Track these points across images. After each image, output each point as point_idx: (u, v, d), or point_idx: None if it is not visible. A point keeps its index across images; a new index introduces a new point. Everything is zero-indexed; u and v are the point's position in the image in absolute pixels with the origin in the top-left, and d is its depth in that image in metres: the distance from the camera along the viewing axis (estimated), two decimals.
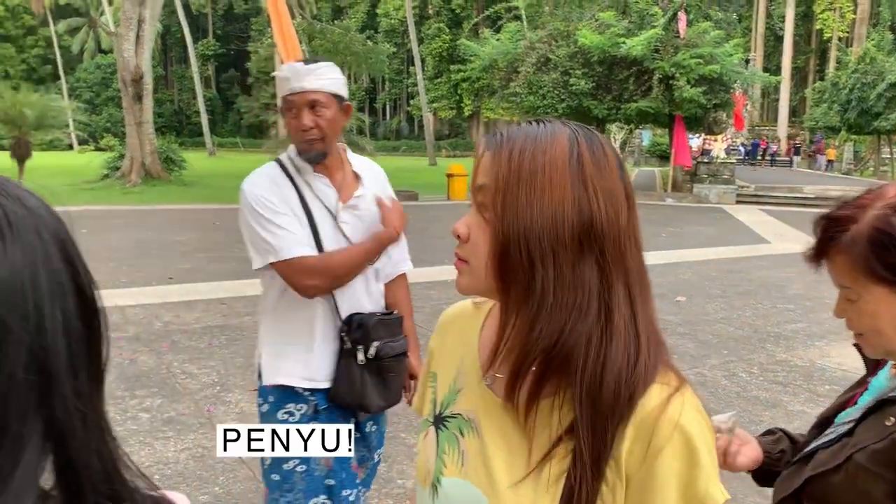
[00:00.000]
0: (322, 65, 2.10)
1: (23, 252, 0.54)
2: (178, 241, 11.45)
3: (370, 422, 2.31)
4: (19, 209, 0.56)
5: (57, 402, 0.55)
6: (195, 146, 50.95)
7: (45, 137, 23.29)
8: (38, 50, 64.62)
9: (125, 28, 23.22)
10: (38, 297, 0.54)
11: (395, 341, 2.22)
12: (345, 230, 2.16)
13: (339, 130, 2.17)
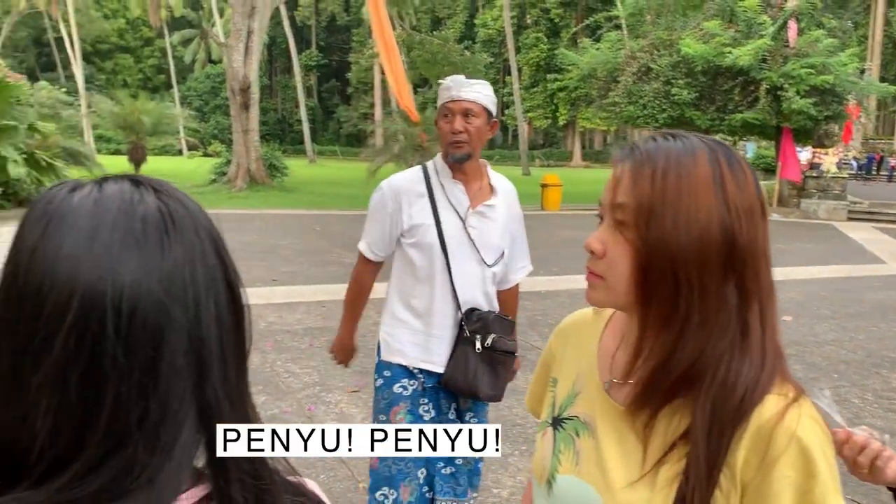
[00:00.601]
0: (480, 81, 2.44)
1: (184, 248, 0.60)
2: (281, 245, 11.86)
3: (470, 413, 2.51)
4: (180, 209, 0.62)
5: (209, 387, 0.60)
6: (296, 154, 52.63)
7: (158, 143, 24.58)
8: (153, 60, 68.46)
9: (235, 39, 24.29)
10: (196, 290, 0.59)
11: (508, 339, 2.45)
12: (471, 234, 2.43)
13: (484, 142, 2.45)
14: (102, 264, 0.56)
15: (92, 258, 0.56)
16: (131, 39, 67.82)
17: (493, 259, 2.48)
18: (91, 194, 0.60)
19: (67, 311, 0.55)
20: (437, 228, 2.40)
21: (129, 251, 0.57)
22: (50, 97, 26.88)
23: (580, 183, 30.33)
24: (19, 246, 0.58)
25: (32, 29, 59.72)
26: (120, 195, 0.60)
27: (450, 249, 2.40)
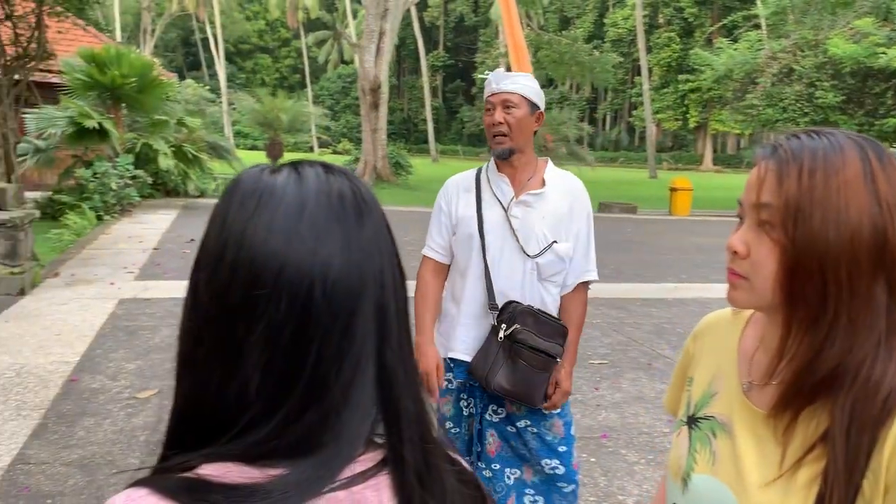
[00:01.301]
0: (521, 74, 2.38)
1: (373, 224, 0.67)
2: (406, 241, 12.05)
3: (524, 419, 2.41)
4: (366, 190, 0.68)
5: (388, 351, 0.66)
6: (420, 152, 53.59)
7: (291, 139, 25.65)
8: (289, 60, 71.63)
9: (367, 40, 25.00)
10: (381, 262, 0.66)
11: (542, 338, 2.30)
12: (513, 223, 2.36)
13: (529, 133, 2.37)
14: (310, 237, 0.62)
15: (301, 232, 0.62)
16: (270, 40, 71.26)
17: (535, 250, 2.34)
18: (291, 176, 0.66)
19: (280, 279, 0.61)
20: (478, 219, 2.37)
21: (331, 225, 0.63)
22: (195, 94, 28.66)
23: (711, 188, 29.19)
24: (229, 221, 0.64)
25: (182, 30, 63.91)
26: (316, 177, 0.66)
27: (488, 239, 2.36)
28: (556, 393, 2.38)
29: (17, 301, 6.53)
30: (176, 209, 13.99)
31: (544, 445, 2.40)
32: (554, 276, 2.39)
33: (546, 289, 2.39)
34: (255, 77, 67.35)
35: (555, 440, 2.40)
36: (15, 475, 3.39)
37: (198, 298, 0.64)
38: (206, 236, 0.65)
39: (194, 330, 0.64)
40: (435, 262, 2.52)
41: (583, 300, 2.48)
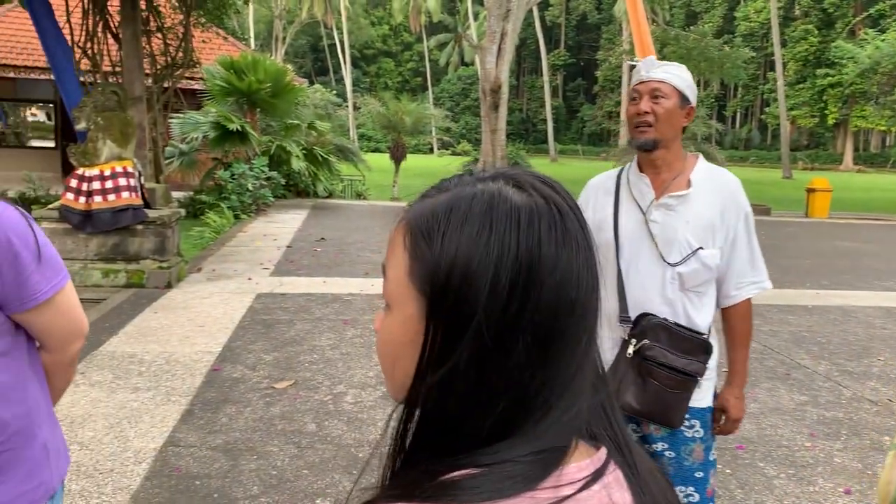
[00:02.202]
0: (674, 63, 2.18)
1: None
2: None
3: (661, 442, 2.20)
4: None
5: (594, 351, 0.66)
6: (538, 152, 53.27)
7: (411, 141, 26.14)
8: (411, 64, 73.05)
9: (489, 41, 25.08)
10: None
11: (678, 355, 2.09)
12: (652, 228, 2.14)
13: (677, 127, 2.15)
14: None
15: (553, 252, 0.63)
16: (393, 44, 72.97)
17: (676, 257, 2.12)
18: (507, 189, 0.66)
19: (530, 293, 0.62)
20: (614, 223, 2.19)
21: (557, 241, 0.64)
22: (323, 99, 29.76)
23: (851, 188, 27.36)
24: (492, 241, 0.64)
25: (310, 37, 66.54)
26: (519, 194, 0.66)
27: (623, 245, 2.17)
28: (726, 421, 2.20)
29: (164, 294, 7.01)
30: (306, 209, 14.58)
31: (680, 472, 2.20)
32: (700, 287, 2.16)
33: (691, 300, 2.16)
34: (378, 81, 69.14)
35: (693, 465, 2.20)
36: (167, 456, 3.64)
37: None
38: None
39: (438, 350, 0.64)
40: None
41: (748, 315, 2.24)
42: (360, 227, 12.62)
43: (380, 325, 0.69)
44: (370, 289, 7.61)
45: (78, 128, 7.19)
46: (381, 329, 0.68)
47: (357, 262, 9.15)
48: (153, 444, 3.75)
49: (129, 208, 7.07)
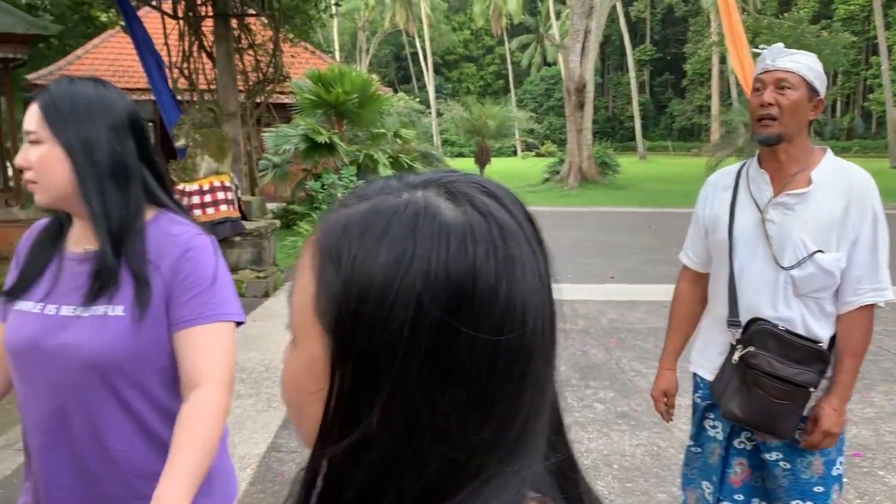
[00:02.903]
0: (803, 52, 2.05)
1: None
2: (615, 242, 11.84)
3: (776, 452, 2.07)
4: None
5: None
6: (625, 150, 52.25)
7: (495, 145, 26.11)
8: (493, 67, 73.02)
9: (572, 40, 24.81)
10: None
11: (787, 364, 1.95)
12: (768, 229, 2.02)
13: (803, 121, 2.01)
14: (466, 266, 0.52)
15: (453, 265, 0.52)
16: (474, 49, 73.15)
17: (791, 260, 1.98)
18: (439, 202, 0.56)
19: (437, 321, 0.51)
20: (729, 222, 2.10)
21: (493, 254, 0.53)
22: (407, 106, 30.12)
23: None
24: (379, 252, 0.55)
25: (393, 46, 67.55)
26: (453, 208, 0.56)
27: (737, 246, 2.07)
28: (814, 432, 2.00)
29: (262, 303, 7.23)
30: None
31: (797, 485, 2.05)
32: (818, 293, 2.01)
33: (808, 307, 2.02)
34: (460, 86, 69.45)
35: (811, 479, 2.05)
36: (270, 461, 3.74)
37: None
38: None
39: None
40: (690, 270, 2.33)
41: (863, 323, 2.02)
42: None
43: (284, 361, 0.56)
44: None
45: (177, 145, 7.52)
46: (284, 367, 0.56)
47: None
48: (256, 450, 3.87)
49: (227, 221, 7.35)
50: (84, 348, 1.32)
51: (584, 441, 4.03)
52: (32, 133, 1.35)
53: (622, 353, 5.69)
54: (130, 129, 1.40)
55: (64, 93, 1.36)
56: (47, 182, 1.36)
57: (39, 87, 7.05)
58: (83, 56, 16.49)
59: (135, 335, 1.33)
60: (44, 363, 1.35)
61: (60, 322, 1.35)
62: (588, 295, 7.73)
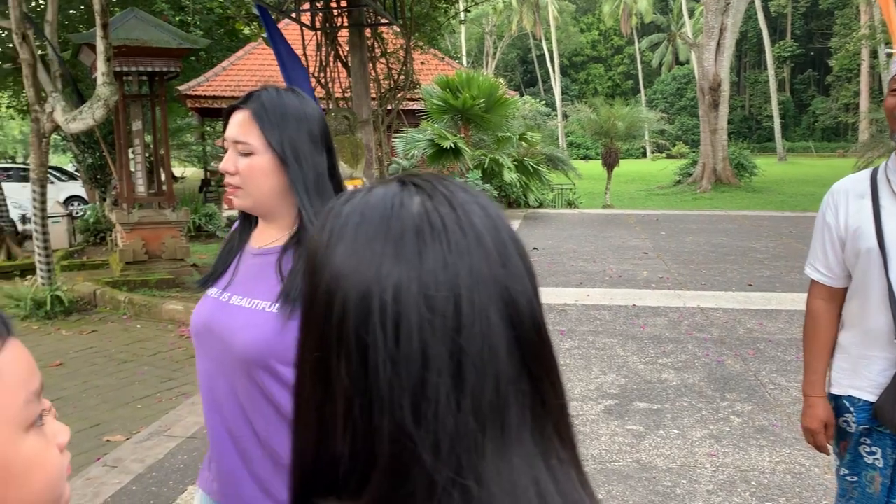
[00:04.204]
0: None
1: (443, 251, 0.55)
2: (753, 248, 11.27)
3: None
4: (445, 209, 0.57)
5: (465, 402, 0.54)
6: (763, 151, 49.69)
7: (624, 146, 25.55)
8: (622, 67, 71.42)
9: (706, 38, 23.90)
10: (456, 294, 0.54)
11: None
12: None
13: None
14: (364, 279, 0.53)
15: (358, 268, 0.54)
16: (603, 49, 71.87)
17: None
18: (359, 203, 0.58)
19: (344, 320, 0.54)
20: (876, 230, 1.92)
21: (389, 258, 0.54)
22: (532, 109, 30.00)
23: None
24: (310, 256, 0.60)
25: (519, 50, 67.49)
26: (383, 201, 0.57)
27: (891, 253, 1.90)
28: None
29: None
30: (518, 219, 14.76)
31: None
32: None
33: None
34: (588, 87, 68.41)
35: None
36: None
37: (297, 345, 0.62)
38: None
39: (295, 377, 0.62)
40: (823, 286, 2.12)
41: None
42: (572, 235, 12.54)
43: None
44: (585, 299, 7.51)
45: None
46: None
47: (570, 272, 9.09)
48: None
49: None
50: (237, 337, 1.43)
51: (720, 455, 3.87)
52: (243, 144, 1.44)
53: (761, 364, 5.41)
54: (323, 140, 1.49)
55: (275, 103, 1.45)
56: (253, 189, 1.46)
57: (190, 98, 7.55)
58: (228, 67, 17.52)
59: (281, 331, 1.40)
60: (210, 343, 1.49)
61: (228, 309, 1.48)
62: (724, 303, 7.41)
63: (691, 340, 6.06)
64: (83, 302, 8.33)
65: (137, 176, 9.84)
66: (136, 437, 4.37)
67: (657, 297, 7.66)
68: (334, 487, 0.56)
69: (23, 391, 0.64)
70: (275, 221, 1.52)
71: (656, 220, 15.11)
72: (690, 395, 4.75)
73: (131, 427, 4.64)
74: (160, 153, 10.40)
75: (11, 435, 0.63)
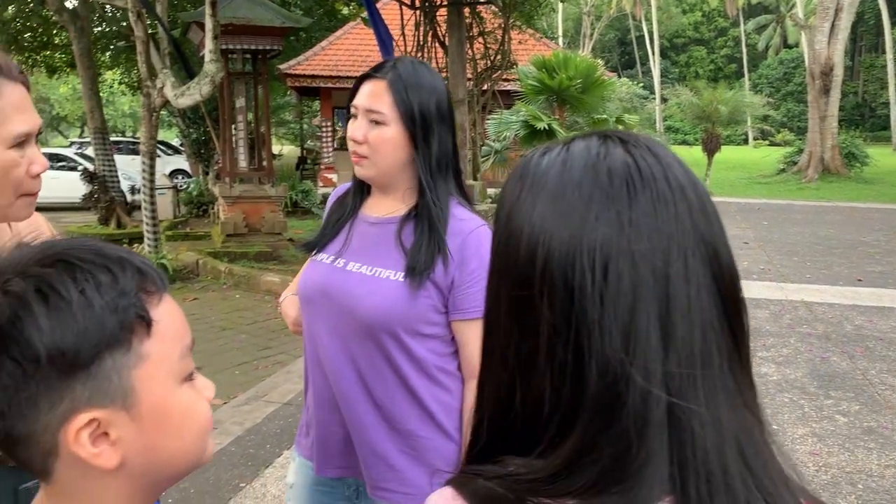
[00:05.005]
0: None
1: (651, 199, 0.56)
2: (864, 242, 10.66)
3: None
4: (650, 158, 0.58)
5: (673, 356, 0.55)
6: (876, 141, 46.80)
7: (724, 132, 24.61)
8: (725, 50, 68.61)
9: (819, 19, 22.64)
10: (662, 243, 0.55)
11: None
12: None
13: None
14: (571, 222, 0.55)
15: (560, 217, 0.55)
16: (705, 31, 69.24)
17: None
18: (559, 155, 0.59)
19: (547, 272, 0.54)
20: None
21: (596, 206, 0.55)
22: (629, 92, 29.24)
23: None
24: (499, 209, 0.61)
25: (617, 31, 65.81)
26: (586, 152, 0.58)
27: None
28: None
29: None
30: None
31: None
32: None
33: None
34: (688, 70, 66.14)
35: None
36: None
37: (487, 291, 0.61)
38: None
39: (486, 326, 0.61)
40: None
41: None
42: None
43: None
44: None
45: None
46: None
47: None
48: None
49: None
50: (362, 303, 1.44)
51: (823, 454, 3.69)
52: (375, 113, 1.44)
53: (870, 363, 5.11)
54: (450, 117, 1.49)
55: (411, 75, 1.44)
56: (380, 160, 1.46)
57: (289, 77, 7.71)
58: (326, 47, 17.82)
59: (408, 301, 1.41)
60: (325, 307, 1.50)
61: (345, 275, 1.48)
62: (830, 297, 7.05)
63: (794, 335, 5.79)
64: (186, 271, 8.71)
65: (239, 151, 10.18)
66: (234, 401, 4.54)
67: (758, 288, 7.35)
68: (521, 445, 0.57)
69: (179, 344, 0.67)
70: (392, 193, 1.52)
71: (758, 209, 14.50)
72: (792, 391, 4.54)
73: (229, 392, 4.83)
74: (261, 130, 10.71)
75: (170, 386, 0.66)
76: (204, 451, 0.70)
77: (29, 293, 0.60)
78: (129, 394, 0.63)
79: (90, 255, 0.64)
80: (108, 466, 0.63)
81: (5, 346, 0.59)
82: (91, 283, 0.62)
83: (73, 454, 0.62)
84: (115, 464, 0.63)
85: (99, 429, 0.62)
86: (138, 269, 0.66)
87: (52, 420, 0.61)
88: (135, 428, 0.64)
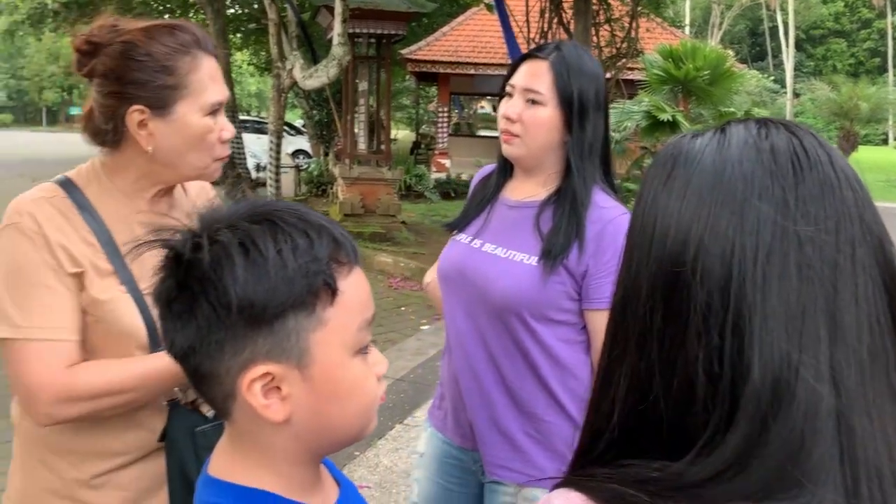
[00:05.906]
0: None
1: (819, 180, 0.54)
2: None
3: None
4: (814, 142, 0.55)
5: (839, 358, 0.53)
6: None
7: (862, 131, 23.08)
8: (869, 43, 64.26)
9: None
10: (828, 226, 0.54)
11: None
12: None
13: None
14: (731, 199, 0.52)
15: (718, 193, 0.53)
16: (847, 23, 65.07)
17: None
18: (714, 136, 0.57)
19: (699, 255, 0.52)
20: None
21: (758, 183, 0.52)
22: (758, 85, 27.91)
23: None
24: (643, 189, 0.58)
25: (749, 21, 62.83)
26: (745, 132, 0.56)
27: None
28: None
29: None
30: None
31: None
32: None
33: None
34: (825, 64, 62.45)
35: None
36: None
37: (623, 275, 0.58)
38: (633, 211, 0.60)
39: (616, 312, 0.57)
40: None
41: None
42: None
43: None
44: None
45: None
46: None
47: None
48: None
49: None
50: (494, 284, 1.44)
51: None
52: (535, 93, 1.44)
53: None
54: (605, 104, 1.48)
55: (576, 61, 1.44)
56: (532, 140, 1.46)
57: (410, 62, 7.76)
58: (448, 33, 17.94)
59: (538, 285, 1.40)
60: (461, 286, 1.52)
61: (481, 255, 1.49)
62: None
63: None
64: None
65: (359, 134, 10.41)
66: None
67: None
68: (653, 443, 0.54)
69: (359, 317, 0.70)
70: (536, 176, 1.51)
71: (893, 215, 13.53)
72: None
73: None
74: (381, 114, 10.91)
75: (344, 356, 0.68)
76: (366, 425, 0.72)
77: (233, 245, 0.64)
78: (304, 354, 0.66)
79: (294, 218, 0.67)
80: (275, 419, 0.66)
81: (204, 288, 0.63)
82: (289, 245, 0.65)
83: (247, 402, 0.65)
84: (283, 418, 0.66)
85: (272, 382, 0.66)
86: (335, 238, 0.69)
87: (233, 365, 0.65)
88: (305, 388, 0.67)
